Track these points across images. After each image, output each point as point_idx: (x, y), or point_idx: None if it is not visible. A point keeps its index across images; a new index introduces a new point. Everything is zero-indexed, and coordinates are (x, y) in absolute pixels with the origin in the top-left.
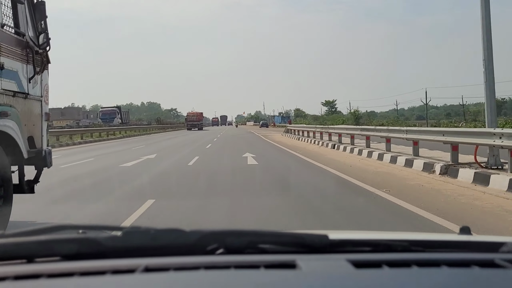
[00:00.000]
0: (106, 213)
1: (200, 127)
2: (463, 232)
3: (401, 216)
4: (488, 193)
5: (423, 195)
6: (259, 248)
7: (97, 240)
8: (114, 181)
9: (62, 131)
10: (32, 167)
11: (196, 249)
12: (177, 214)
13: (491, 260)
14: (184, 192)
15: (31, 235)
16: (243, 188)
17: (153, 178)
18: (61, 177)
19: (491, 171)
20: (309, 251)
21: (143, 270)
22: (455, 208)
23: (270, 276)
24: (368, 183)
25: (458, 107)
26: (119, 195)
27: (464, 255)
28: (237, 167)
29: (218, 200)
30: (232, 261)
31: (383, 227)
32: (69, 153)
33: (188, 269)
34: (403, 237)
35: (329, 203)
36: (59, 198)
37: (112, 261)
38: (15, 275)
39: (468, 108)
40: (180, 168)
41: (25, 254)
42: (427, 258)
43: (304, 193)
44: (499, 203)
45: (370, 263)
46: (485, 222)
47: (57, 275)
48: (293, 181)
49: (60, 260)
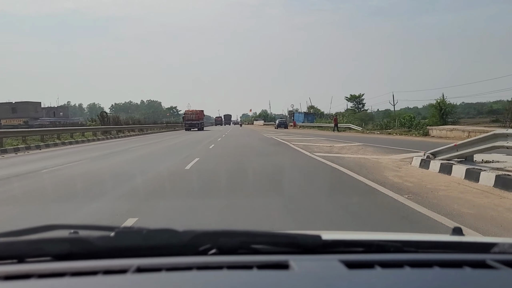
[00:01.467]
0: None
1: (201, 127)
2: (455, 233)
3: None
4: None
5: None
6: (252, 249)
7: (89, 240)
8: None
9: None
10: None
11: (188, 249)
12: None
13: (483, 261)
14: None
15: (22, 234)
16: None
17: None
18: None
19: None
20: (302, 252)
21: (135, 271)
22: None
23: (262, 276)
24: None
25: (476, 105)
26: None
27: (456, 256)
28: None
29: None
30: (224, 262)
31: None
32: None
33: (181, 269)
34: (395, 238)
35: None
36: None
37: (104, 261)
38: (5, 275)
39: (490, 106)
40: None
41: (16, 254)
42: (420, 258)
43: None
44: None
45: (362, 264)
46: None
47: (48, 275)
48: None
49: (51, 260)
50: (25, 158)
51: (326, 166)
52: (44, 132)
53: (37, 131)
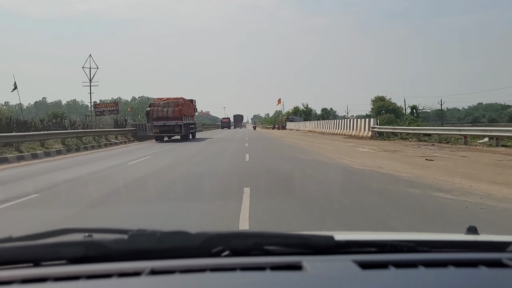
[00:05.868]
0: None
1: (184, 133)
2: (470, 231)
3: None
4: None
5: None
6: (264, 250)
7: (103, 243)
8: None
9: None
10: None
11: (201, 251)
12: None
13: (498, 260)
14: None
15: (38, 238)
16: None
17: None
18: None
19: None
20: (315, 252)
21: (149, 273)
22: None
23: (276, 277)
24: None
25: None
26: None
27: (471, 255)
28: None
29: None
30: (237, 263)
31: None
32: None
33: (194, 271)
34: (409, 238)
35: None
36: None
37: (118, 264)
38: (22, 278)
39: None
40: None
41: (32, 258)
42: (434, 258)
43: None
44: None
45: (376, 264)
46: None
47: (64, 278)
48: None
49: (66, 263)
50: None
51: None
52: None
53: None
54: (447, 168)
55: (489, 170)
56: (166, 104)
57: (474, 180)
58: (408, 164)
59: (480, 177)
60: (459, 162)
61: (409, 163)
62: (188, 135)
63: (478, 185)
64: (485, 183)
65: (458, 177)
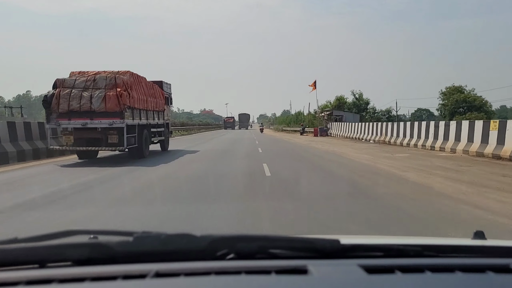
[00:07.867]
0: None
1: (131, 144)
2: (477, 236)
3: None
4: None
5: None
6: (270, 253)
7: (108, 245)
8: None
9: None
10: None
11: (206, 254)
12: None
13: (507, 265)
14: None
15: (43, 240)
16: None
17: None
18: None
19: None
20: (320, 256)
21: (154, 275)
22: None
23: (281, 281)
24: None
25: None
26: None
27: (478, 260)
28: None
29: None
30: (242, 267)
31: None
32: None
33: (199, 274)
34: (415, 242)
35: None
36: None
37: (123, 266)
38: (27, 280)
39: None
40: None
41: (37, 259)
42: (441, 263)
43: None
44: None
45: (382, 269)
46: None
47: (69, 280)
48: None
49: (71, 265)
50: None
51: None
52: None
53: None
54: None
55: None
56: (90, 84)
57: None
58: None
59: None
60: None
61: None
62: (142, 147)
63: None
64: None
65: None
